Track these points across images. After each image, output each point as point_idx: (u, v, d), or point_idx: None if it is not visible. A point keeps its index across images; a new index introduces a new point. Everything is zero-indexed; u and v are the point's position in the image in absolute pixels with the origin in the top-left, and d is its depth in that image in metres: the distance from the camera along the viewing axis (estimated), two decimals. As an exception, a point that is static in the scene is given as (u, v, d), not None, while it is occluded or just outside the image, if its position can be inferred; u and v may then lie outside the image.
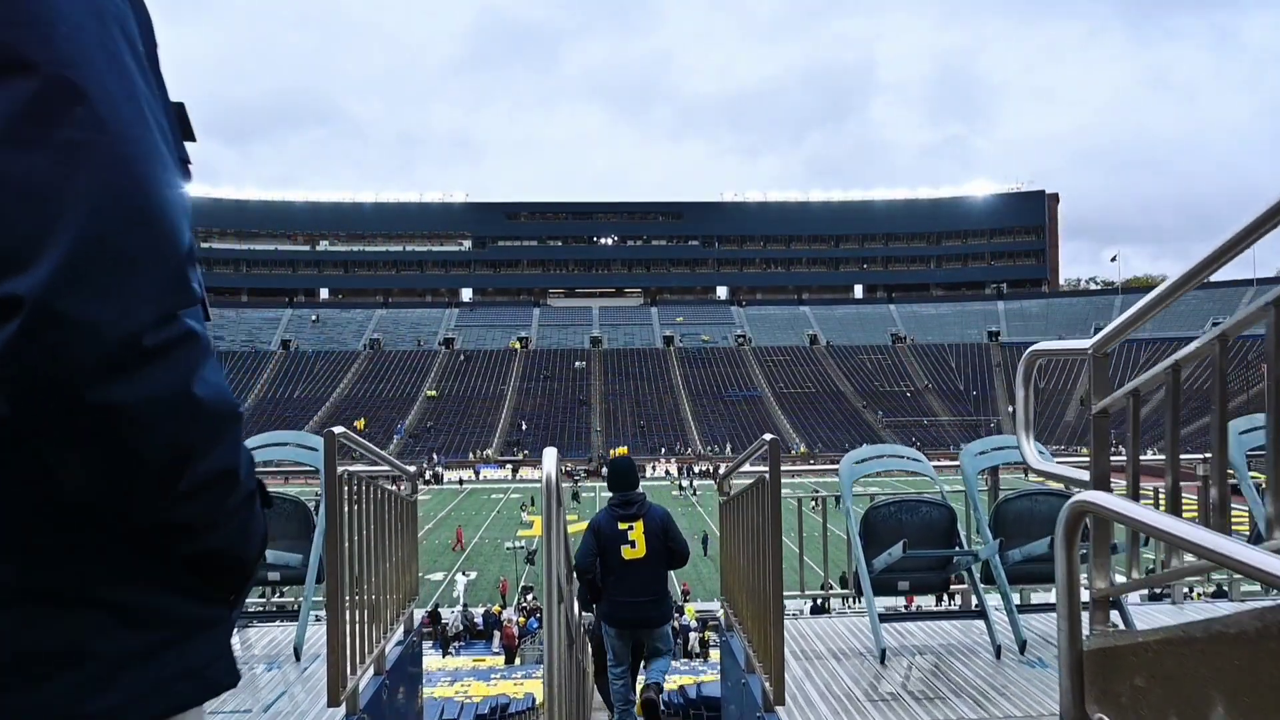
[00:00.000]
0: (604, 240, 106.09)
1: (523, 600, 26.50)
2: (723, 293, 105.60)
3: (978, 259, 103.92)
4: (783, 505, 3.66)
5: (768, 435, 3.62)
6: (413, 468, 5.52)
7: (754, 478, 4.05)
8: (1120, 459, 2.56)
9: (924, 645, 4.79)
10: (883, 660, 4.44)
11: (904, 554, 4.33)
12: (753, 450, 4.07)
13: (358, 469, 3.91)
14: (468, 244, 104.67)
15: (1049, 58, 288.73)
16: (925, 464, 5.20)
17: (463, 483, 57.28)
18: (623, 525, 5.70)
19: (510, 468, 61.36)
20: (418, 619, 5.24)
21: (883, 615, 4.64)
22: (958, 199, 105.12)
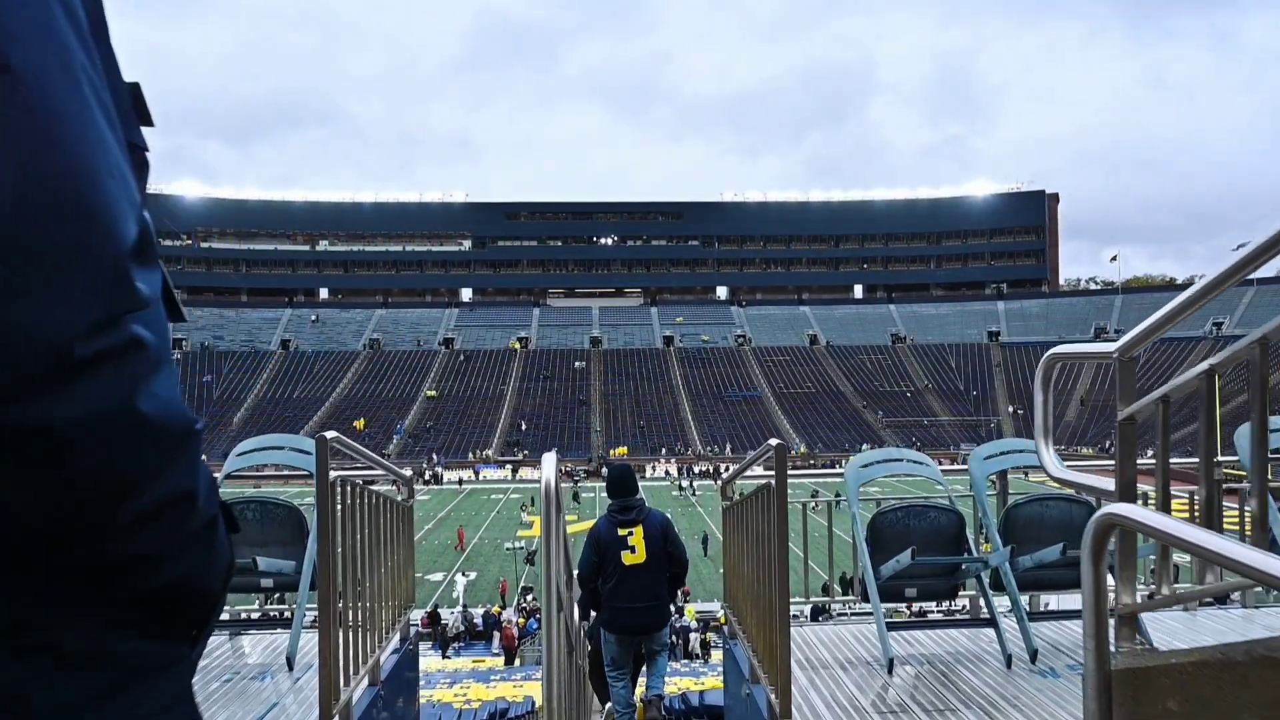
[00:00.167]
0: (604, 240, 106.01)
1: (522, 601, 26.41)
2: (723, 293, 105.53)
3: (978, 259, 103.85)
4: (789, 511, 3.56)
5: (774, 440, 3.50)
6: (409, 471, 5.40)
7: (759, 482, 3.95)
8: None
9: (932, 654, 4.68)
10: (890, 670, 4.34)
11: (912, 561, 4.22)
12: (758, 455, 3.96)
13: (351, 474, 3.81)
14: (468, 244, 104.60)
15: (1049, 58, 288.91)
16: (933, 468, 5.09)
17: (462, 483, 57.25)
18: (622, 531, 5.67)
19: (510, 468, 61.32)
20: (415, 625, 5.13)
21: (890, 623, 4.53)
22: (958, 199, 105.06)
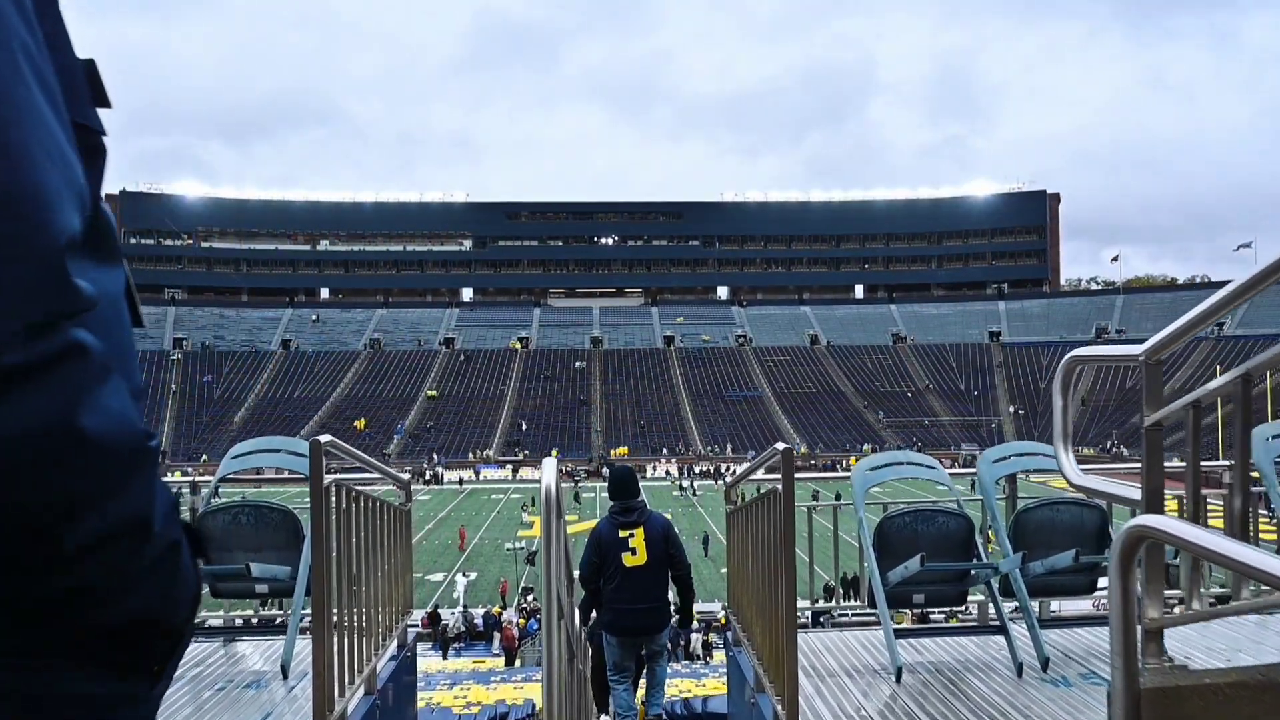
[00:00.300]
0: (604, 240, 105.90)
1: (523, 601, 26.31)
2: (723, 293, 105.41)
3: (978, 259, 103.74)
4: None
5: (780, 444, 3.41)
6: (407, 475, 5.30)
7: (765, 487, 3.86)
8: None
9: (940, 662, 4.59)
10: (898, 678, 4.24)
11: (922, 568, 4.12)
12: (764, 459, 3.87)
13: (347, 478, 3.72)
14: (468, 244, 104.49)
15: (1049, 58, 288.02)
16: (941, 472, 5.00)
17: (463, 483, 57.19)
18: (624, 533, 5.71)
19: (510, 468, 61.25)
20: (412, 632, 5.04)
21: (898, 630, 4.43)
22: (958, 199, 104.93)
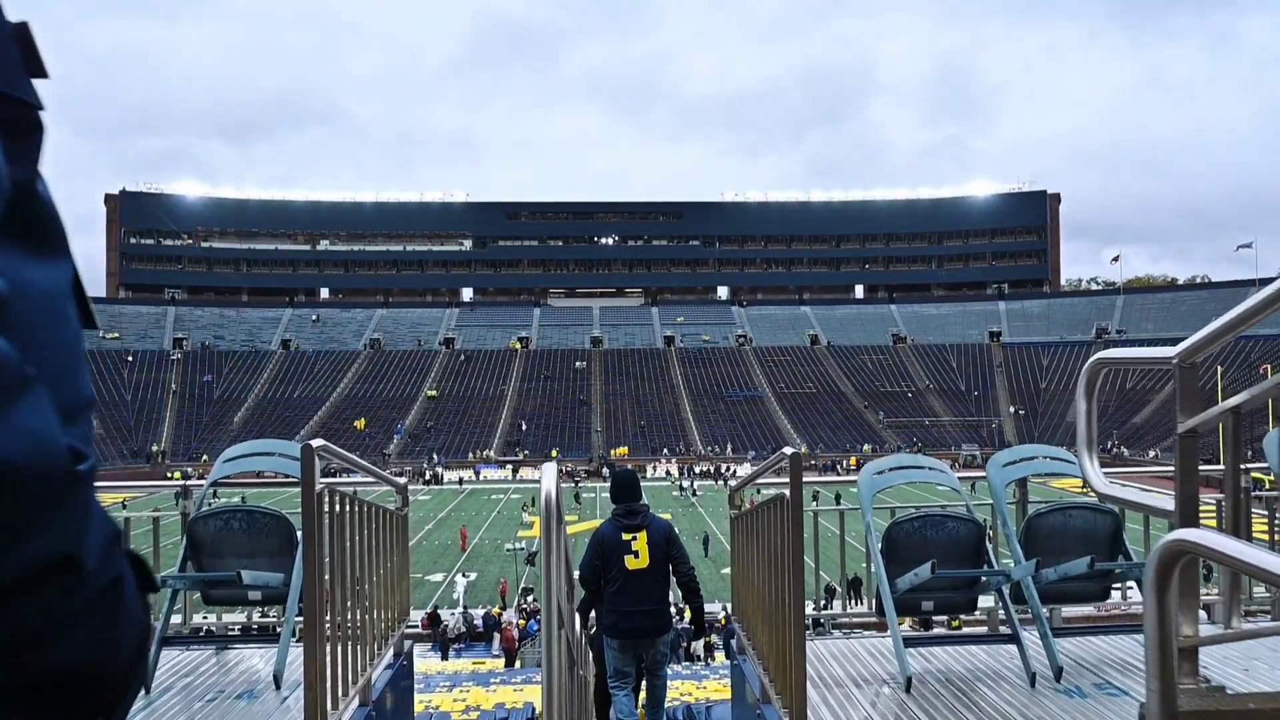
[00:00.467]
0: (604, 240, 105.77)
1: (523, 602, 26.19)
2: (723, 293, 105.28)
3: (979, 259, 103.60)
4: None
5: (788, 449, 3.30)
6: (403, 479, 5.18)
7: (772, 493, 3.74)
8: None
9: (951, 671, 4.47)
10: (908, 688, 4.13)
11: (933, 575, 4.01)
12: (771, 463, 3.75)
13: (341, 482, 3.61)
14: (468, 244, 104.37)
15: (1048, 58, 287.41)
16: (950, 476, 4.88)
17: (463, 483, 57.07)
18: (626, 535, 5.70)
19: (510, 468, 61.11)
20: (409, 641, 4.92)
21: (907, 639, 4.32)
22: (958, 199, 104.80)
